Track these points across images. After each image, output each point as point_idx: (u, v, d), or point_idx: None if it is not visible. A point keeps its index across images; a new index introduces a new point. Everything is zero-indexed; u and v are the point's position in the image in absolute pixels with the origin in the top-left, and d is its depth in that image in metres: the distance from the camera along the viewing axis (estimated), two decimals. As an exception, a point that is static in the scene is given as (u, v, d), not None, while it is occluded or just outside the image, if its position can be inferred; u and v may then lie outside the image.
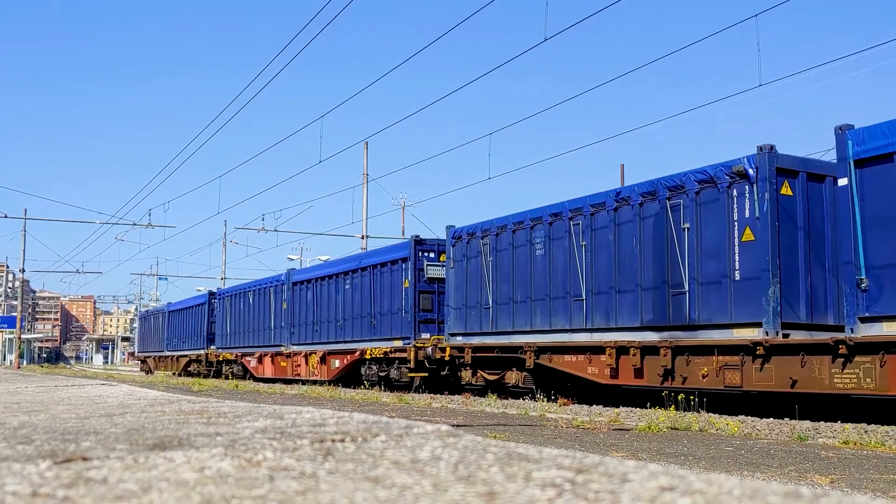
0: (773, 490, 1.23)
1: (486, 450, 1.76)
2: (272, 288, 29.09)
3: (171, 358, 41.56)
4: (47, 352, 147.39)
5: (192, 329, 38.05)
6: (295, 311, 27.16)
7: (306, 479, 1.47)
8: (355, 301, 23.25)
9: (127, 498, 1.33)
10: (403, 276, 20.97)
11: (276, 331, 28.36)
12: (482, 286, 17.88)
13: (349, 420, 2.46)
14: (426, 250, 20.99)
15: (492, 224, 17.87)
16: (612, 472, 1.43)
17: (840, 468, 6.02)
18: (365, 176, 35.16)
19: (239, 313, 32.00)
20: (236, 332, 32.20)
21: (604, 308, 14.67)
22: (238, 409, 3.16)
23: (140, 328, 51.95)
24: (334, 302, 24.54)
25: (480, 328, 17.92)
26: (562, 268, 15.69)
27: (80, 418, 3.06)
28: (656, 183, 13.82)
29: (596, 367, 14.59)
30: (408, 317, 20.60)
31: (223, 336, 33.78)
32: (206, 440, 2.04)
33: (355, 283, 23.40)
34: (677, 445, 7.48)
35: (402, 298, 20.86)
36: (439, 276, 20.46)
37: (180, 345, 39.99)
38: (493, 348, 17.38)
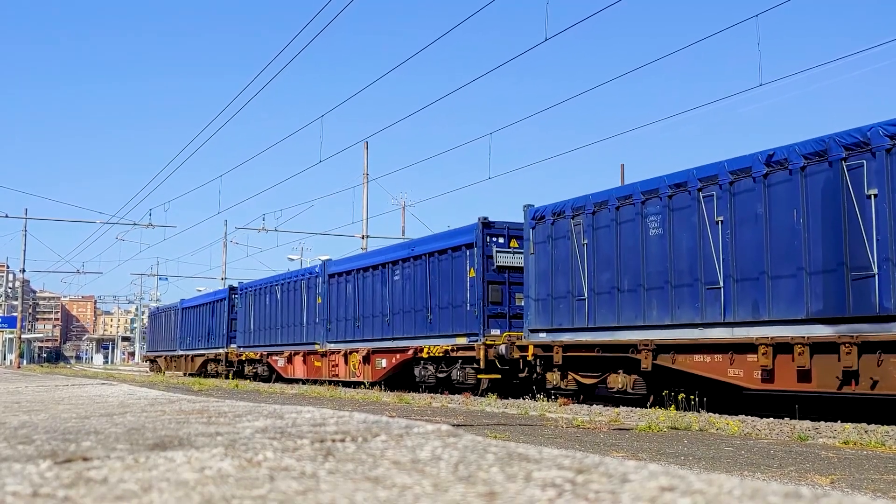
0: (774, 490, 1.23)
1: (486, 450, 1.76)
2: (304, 281, 26.81)
3: (185, 357, 39.44)
4: (47, 352, 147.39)
5: (210, 327, 35.81)
6: (332, 305, 24.85)
7: (307, 479, 1.47)
8: (407, 293, 20.83)
9: (127, 498, 1.33)
10: (468, 264, 18.47)
11: (309, 327, 26.16)
12: (574, 274, 15.32)
13: (349, 420, 2.46)
14: (494, 234, 18.42)
15: (586, 200, 15.22)
16: (612, 473, 1.43)
17: (840, 468, 6.02)
18: (365, 176, 35.17)
19: (265, 309, 29.67)
20: (261, 330, 29.88)
21: (750, 297, 12.06)
22: (238, 409, 3.16)
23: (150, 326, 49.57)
24: (380, 295, 22.10)
25: (572, 323, 15.29)
26: (687, 250, 13.09)
27: (81, 418, 3.06)
28: (827, 140, 11.37)
29: (740, 369, 12.14)
30: (474, 310, 18.14)
31: (246, 334, 31.42)
32: (207, 440, 2.04)
33: (406, 273, 20.91)
34: (677, 445, 7.48)
35: (467, 290, 18.41)
36: (510, 263, 18.23)
37: (196, 343, 37.77)
38: (593, 347, 14.74)
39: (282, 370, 27.96)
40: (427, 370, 19.83)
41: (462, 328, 18.51)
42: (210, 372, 35.02)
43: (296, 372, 26.83)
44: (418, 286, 20.40)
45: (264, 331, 29.62)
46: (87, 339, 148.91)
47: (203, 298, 38.44)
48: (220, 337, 34.47)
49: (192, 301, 40.27)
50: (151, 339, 48.36)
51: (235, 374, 32.27)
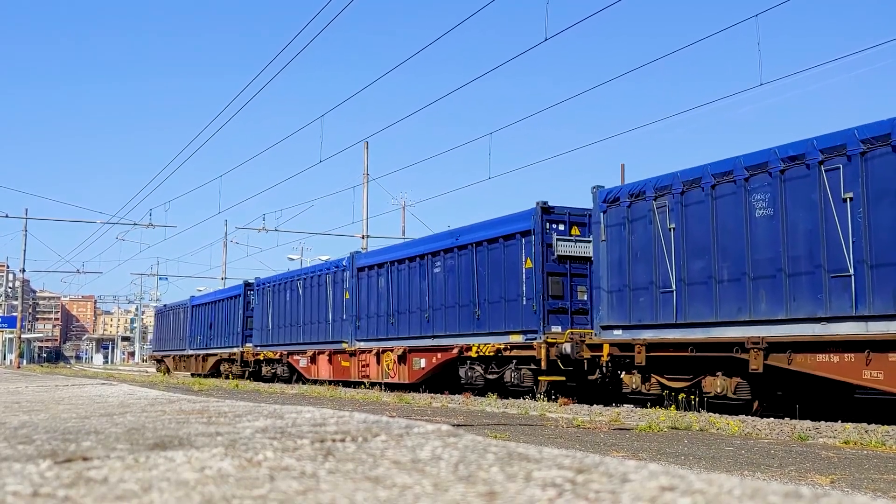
0: (774, 490, 1.23)
1: (486, 449, 1.76)
2: (329, 275, 24.86)
3: (195, 357, 37.27)
4: (47, 351, 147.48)
5: (223, 325, 33.75)
6: (361, 301, 22.94)
7: (307, 479, 1.47)
8: (450, 287, 18.90)
9: (127, 498, 1.33)
10: (524, 253, 16.60)
11: (336, 324, 24.22)
12: (657, 262, 13.51)
13: (349, 420, 2.46)
14: (554, 221, 16.60)
15: (673, 179, 13.39)
16: (612, 472, 1.43)
17: (840, 468, 6.01)
18: (365, 176, 35.17)
19: (285, 306, 27.67)
20: (281, 327, 27.91)
21: (889, 286, 10.38)
22: (238, 409, 3.16)
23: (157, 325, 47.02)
24: (418, 289, 20.19)
25: (655, 318, 13.47)
26: (805, 232, 11.39)
27: (81, 418, 3.06)
28: None
29: (879, 371, 10.44)
30: (532, 305, 16.27)
31: (263, 332, 29.43)
32: (207, 440, 2.04)
33: (449, 264, 18.99)
34: (678, 445, 7.48)
35: (522, 282, 16.57)
36: (572, 253, 16.46)
37: (208, 343, 35.71)
38: (685, 345, 12.85)
39: (304, 371, 26.11)
40: (474, 371, 18.05)
41: (516, 325, 16.72)
42: (223, 372, 33.37)
43: (320, 372, 24.99)
44: (463, 279, 18.51)
45: (284, 329, 27.73)
46: (87, 338, 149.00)
47: (215, 295, 36.45)
48: (234, 336, 32.40)
49: (203, 298, 38.34)
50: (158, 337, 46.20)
51: (251, 375, 30.66)
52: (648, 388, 13.84)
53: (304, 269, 27.85)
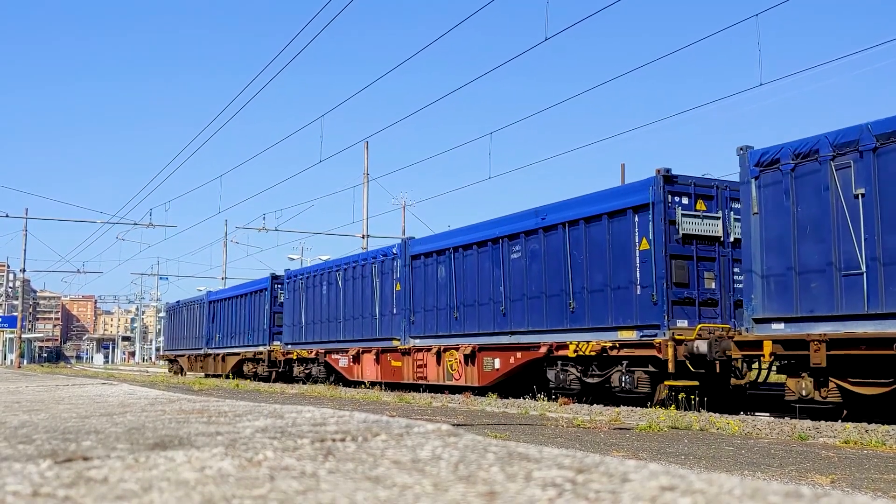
0: (774, 490, 1.23)
1: (486, 449, 1.76)
2: (376, 264, 22.20)
3: (213, 356, 34.58)
4: (48, 351, 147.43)
5: (248, 321, 31.06)
6: (416, 292, 20.32)
7: (307, 479, 1.47)
8: (533, 274, 16.35)
9: (128, 497, 1.33)
10: (637, 232, 14.08)
11: (384, 320, 21.68)
12: (837, 238, 10.98)
13: (350, 419, 2.46)
14: (677, 193, 13.86)
15: (860, 132, 10.77)
16: (612, 472, 1.43)
17: (841, 468, 6.01)
18: (365, 175, 35.16)
19: (321, 299, 25.16)
20: (317, 323, 25.38)
21: None
22: (238, 409, 3.16)
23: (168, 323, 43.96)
24: (490, 277, 17.58)
25: (836, 308, 10.94)
26: None
27: (81, 417, 3.06)
28: None
29: None
30: (650, 295, 13.67)
31: (295, 328, 26.80)
32: (207, 439, 2.04)
33: (532, 248, 16.41)
34: (678, 445, 7.48)
35: (636, 267, 14.03)
36: (699, 231, 13.86)
37: (229, 341, 33.01)
38: (887, 341, 10.25)
39: (345, 371, 23.53)
40: (568, 373, 15.39)
41: (628, 318, 14.09)
42: (247, 373, 30.86)
43: (365, 373, 22.48)
44: (552, 265, 15.81)
45: (321, 325, 25.12)
46: (87, 338, 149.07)
47: (237, 290, 33.68)
48: (260, 333, 29.73)
49: (223, 293, 35.64)
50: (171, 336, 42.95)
51: (280, 377, 28.17)
52: (825, 396, 11.28)
53: (344, 258, 24.78)
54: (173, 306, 42.91)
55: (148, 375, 38.18)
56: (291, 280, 27.53)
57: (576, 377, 15.26)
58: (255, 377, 29.77)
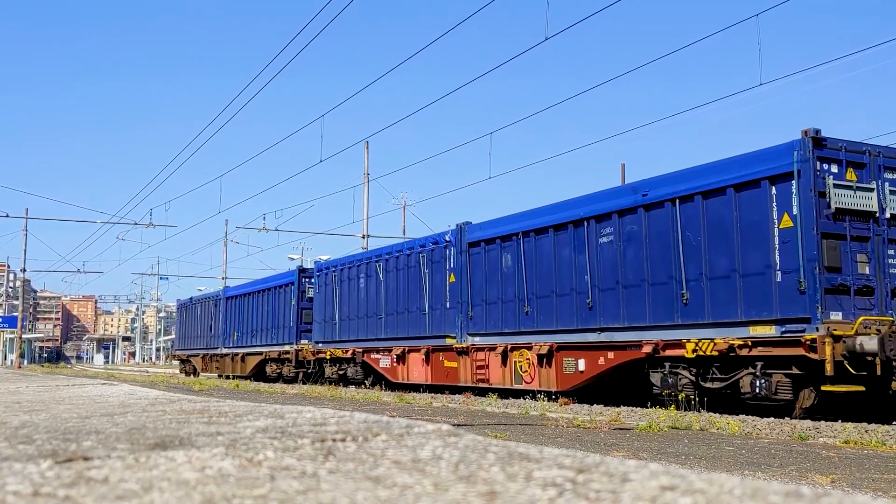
0: (774, 489, 1.23)
1: (486, 449, 1.76)
2: (424, 253, 19.93)
3: (231, 356, 32.36)
4: (48, 351, 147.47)
5: (271, 318, 28.77)
6: (475, 284, 18.08)
7: (307, 479, 1.47)
8: (628, 260, 13.98)
9: (128, 497, 1.33)
10: (775, 206, 11.83)
11: (435, 314, 19.35)
12: None
13: (350, 419, 2.46)
14: (826, 159, 11.67)
15: None
16: (612, 472, 1.43)
17: (841, 468, 6.01)
18: (366, 175, 35.16)
19: (359, 293, 22.99)
20: (353, 320, 23.18)
21: None
22: (239, 409, 3.16)
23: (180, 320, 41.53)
24: (571, 265, 15.20)
25: None
26: None
27: (81, 418, 3.06)
28: None
29: None
30: (793, 281, 11.46)
31: (327, 325, 24.54)
32: (207, 440, 2.04)
33: (630, 230, 13.97)
34: (678, 445, 7.48)
35: (774, 248, 11.76)
36: (854, 206, 11.64)
37: (249, 339, 30.79)
38: None
39: (387, 372, 21.26)
40: (679, 377, 13.10)
41: (763, 310, 11.86)
42: (270, 374, 28.59)
43: (411, 374, 20.22)
44: (656, 248, 13.53)
45: (359, 321, 22.87)
46: (87, 338, 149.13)
47: (258, 284, 31.28)
48: (286, 331, 27.42)
49: (242, 288, 33.16)
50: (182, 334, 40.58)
51: (309, 378, 25.74)
52: None
53: (385, 247, 22.36)
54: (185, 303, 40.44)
55: (148, 375, 38.15)
56: (323, 273, 25.13)
57: (689, 381, 12.90)
58: (279, 378, 27.56)
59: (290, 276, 27.93)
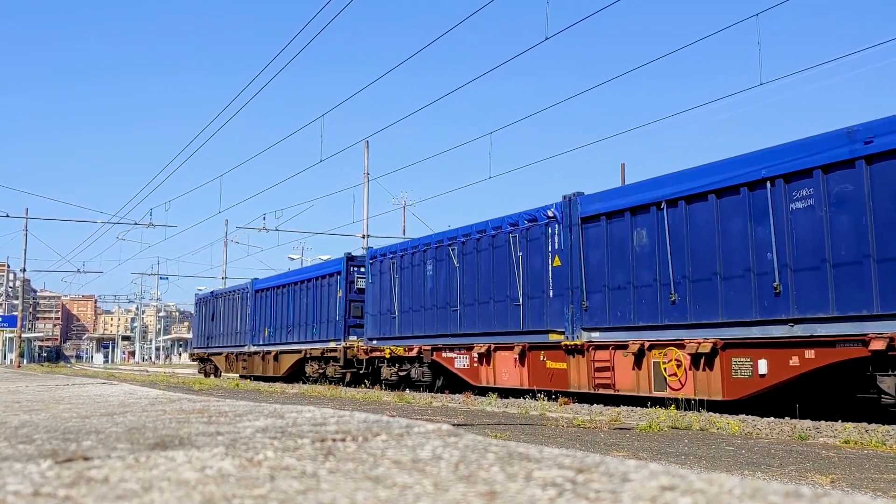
0: (774, 489, 1.23)
1: (486, 449, 1.76)
2: (517, 233, 16.76)
3: (263, 355, 29.32)
4: (48, 351, 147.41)
5: (312, 312, 25.80)
6: (591, 266, 14.80)
7: (307, 479, 1.47)
8: (837, 230, 10.83)
9: (128, 497, 1.33)
10: None
11: (534, 304, 16.13)
12: None
13: (350, 419, 2.46)
14: None
15: None
16: (612, 472, 1.43)
17: (841, 468, 6.01)
18: (366, 175, 35.15)
19: (425, 282, 19.76)
20: (418, 312, 19.97)
21: None
22: (239, 409, 3.16)
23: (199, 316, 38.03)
24: (742, 240, 12.02)
25: None
26: None
27: (81, 417, 3.06)
28: None
29: None
30: None
31: (384, 319, 21.46)
32: (207, 439, 2.04)
33: (837, 191, 10.89)
34: (678, 445, 7.48)
35: None
36: None
37: (284, 336, 27.75)
38: None
39: (466, 374, 18.09)
40: None
41: None
42: (311, 375, 25.36)
43: (499, 377, 17.07)
44: (884, 214, 10.32)
45: (425, 313, 19.72)
46: (87, 338, 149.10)
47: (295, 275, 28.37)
48: (331, 326, 24.42)
49: (273, 280, 30.06)
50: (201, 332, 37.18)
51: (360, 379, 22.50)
52: None
53: (462, 228, 18.92)
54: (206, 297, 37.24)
55: (148, 375, 38.13)
56: (378, 260, 22.07)
57: None
58: (322, 379, 24.52)
59: (335, 265, 25.00)
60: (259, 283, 30.77)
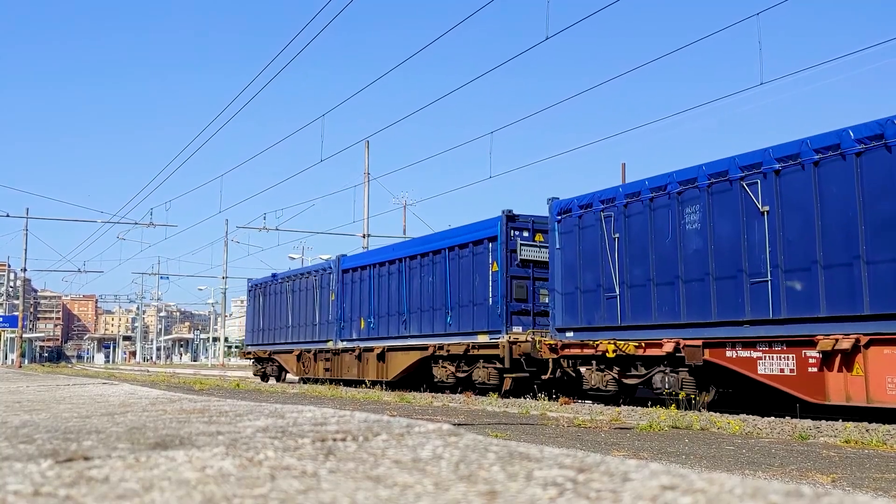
0: (775, 489, 1.23)
1: (487, 449, 1.76)
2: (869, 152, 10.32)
3: (357, 353, 22.66)
4: (49, 351, 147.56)
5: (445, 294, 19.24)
6: None
7: (308, 479, 1.47)
8: None
9: (129, 497, 1.33)
10: None
11: None
12: None
13: (350, 419, 2.46)
14: None
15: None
16: (613, 472, 1.43)
17: (841, 467, 6.01)
18: (366, 175, 35.15)
19: (681, 241, 12.93)
20: (663, 285, 13.30)
21: None
22: (239, 408, 3.16)
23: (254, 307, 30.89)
24: None
25: None
26: None
27: (82, 417, 3.06)
28: None
29: None
30: None
31: (590, 301, 14.86)
32: (208, 439, 2.04)
33: None
34: (679, 444, 7.48)
35: None
36: None
37: (394, 328, 21.18)
38: None
39: (794, 386, 11.02)
40: None
41: None
42: (442, 380, 19.01)
43: None
44: None
45: (682, 287, 12.85)
46: (88, 338, 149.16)
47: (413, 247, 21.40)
48: (481, 312, 17.92)
49: (374, 255, 23.54)
50: (257, 325, 30.31)
51: (524, 388, 16.97)
52: None
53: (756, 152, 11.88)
54: (265, 282, 30.04)
55: (149, 375, 38.15)
56: (574, 213, 15.38)
57: None
58: (464, 386, 18.38)
59: (485, 228, 18.09)
60: (349, 261, 24.45)
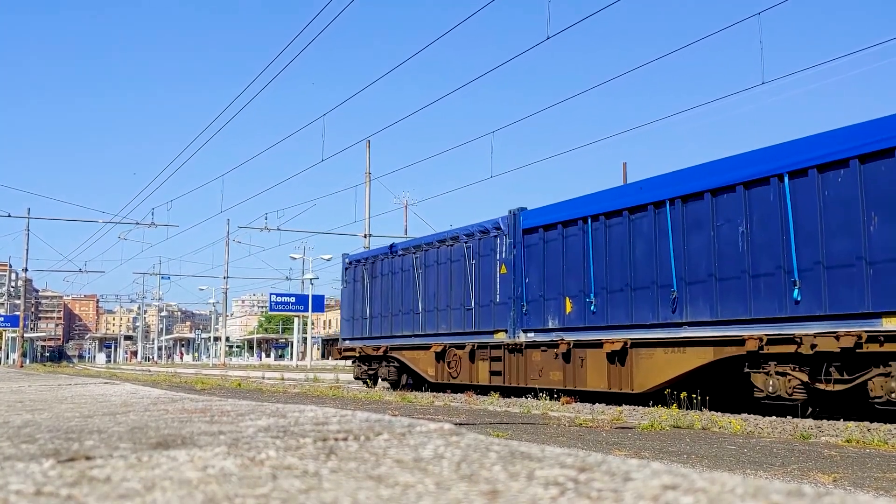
0: (776, 488, 1.23)
1: (488, 448, 1.76)
2: None
3: (558, 352, 15.27)
4: (50, 350, 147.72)
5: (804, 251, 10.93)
6: None
7: (309, 478, 1.47)
8: None
9: (130, 497, 1.33)
10: None
11: None
12: None
13: (352, 418, 2.46)
14: None
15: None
16: (614, 471, 1.43)
17: (843, 466, 6.01)
18: (367, 174, 35.14)
19: None
20: None
21: None
22: (241, 408, 3.16)
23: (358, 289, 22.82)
24: None
25: None
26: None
27: (84, 417, 3.06)
28: None
29: None
30: None
31: None
32: (210, 439, 2.04)
33: None
34: (680, 444, 7.47)
35: None
36: None
37: (663, 311, 13.20)
38: None
39: None
40: None
41: None
42: (782, 394, 11.13)
43: None
44: None
45: None
46: (89, 337, 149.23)
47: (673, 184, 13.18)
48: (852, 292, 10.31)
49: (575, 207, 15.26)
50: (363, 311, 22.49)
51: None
52: None
53: None
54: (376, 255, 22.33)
55: (150, 375, 38.13)
56: None
57: None
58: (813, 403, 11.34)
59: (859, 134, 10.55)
60: (535, 216, 16.38)
